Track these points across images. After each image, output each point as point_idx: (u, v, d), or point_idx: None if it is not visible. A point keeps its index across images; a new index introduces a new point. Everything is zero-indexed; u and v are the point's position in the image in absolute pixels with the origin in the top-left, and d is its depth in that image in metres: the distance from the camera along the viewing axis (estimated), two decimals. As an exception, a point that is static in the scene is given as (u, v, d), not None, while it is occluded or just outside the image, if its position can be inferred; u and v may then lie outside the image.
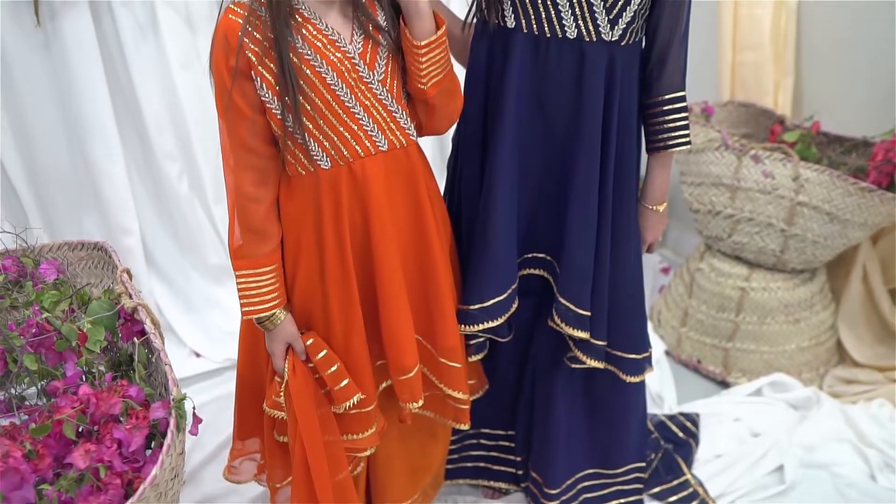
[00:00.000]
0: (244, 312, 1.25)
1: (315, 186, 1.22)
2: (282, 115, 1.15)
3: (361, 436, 1.37)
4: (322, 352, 1.28)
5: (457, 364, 1.38)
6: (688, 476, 1.83)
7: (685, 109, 1.40)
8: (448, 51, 1.24)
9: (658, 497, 1.79)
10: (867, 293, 2.27)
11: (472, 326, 1.40)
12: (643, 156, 1.48)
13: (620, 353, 1.51)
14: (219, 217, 2.46)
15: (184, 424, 1.15)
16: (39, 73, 2.16)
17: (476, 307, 1.40)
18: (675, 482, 1.82)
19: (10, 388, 1.27)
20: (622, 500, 1.73)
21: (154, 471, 1.06)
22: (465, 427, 1.49)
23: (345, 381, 1.30)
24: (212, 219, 2.46)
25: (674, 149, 1.41)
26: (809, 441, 1.94)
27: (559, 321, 1.44)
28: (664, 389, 2.19)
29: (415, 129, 1.29)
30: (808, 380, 2.20)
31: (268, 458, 1.45)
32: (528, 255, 1.48)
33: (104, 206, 2.29)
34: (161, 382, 1.31)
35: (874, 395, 2.11)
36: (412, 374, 1.32)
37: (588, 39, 1.30)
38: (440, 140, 2.80)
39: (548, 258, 1.48)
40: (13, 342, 1.18)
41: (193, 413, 1.21)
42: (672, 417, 2.03)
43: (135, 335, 1.34)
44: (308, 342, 1.29)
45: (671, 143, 1.41)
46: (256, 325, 1.28)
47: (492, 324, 1.41)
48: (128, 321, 1.36)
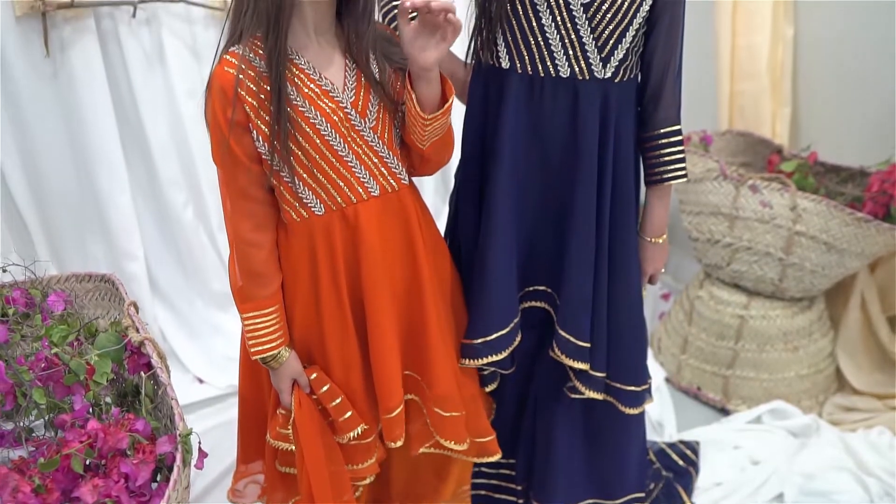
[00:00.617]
0: (252, 353, 1.27)
1: (309, 232, 1.24)
2: (276, 166, 1.17)
3: (362, 465, 1.39)
4: (325, 385, 1.30)
5: (450, 413, 1.37)
6: (688, 505, 1.84)
7: (681, 143, 1.43)
8: (449, 112, 1.25)
9: (659, 526, 1.80)
10: (865, 321, 2.28)
11: (476, 360, 1.42)
12: (643, 188, 1.51)
13: (620, 385, 1.52)
14: (223, 244, 2.49)
15: (190, 459, 1.17)
16: (48, 102, 2.19)
17: (479, 341, 1.42)
18: (676, 511, 1.83)
19: (19, 421, 1.29)
20: (623, 530, 1.74)
21: (160, 505, 1.07)
22: (496, 457, 1.49)
23: (348, 413, 1.32)
24: (216, 245, 2.49)
25: (670, 182, 1.44)
26: (809, 469, 1.95)
27: (559, 352, 1.45)
28: (664, 417, 2.21)
29: (406, 173, 1.31)
30: (808, 407, 2.21)
31: (269, 484, 1.46)
32: (530, 288, 1.50)
33: (110, 233, 2.32)
34: (167, 414, 1.33)
35: (874, 423, 2.12)
36: (395, 414, 1.33)
37: (581, 78, 1.33)
38: (443, 175, 2.84)
39: (549, 290, 1.50)
40: (23, 376, 1.20)
41: (199, 447, 1.22)
42: (672, 445, 2.04)
43: (141, 368, 1.36)
44: (312, 376, 1.31)
45: (667, 177, 1.43)
46: (262, 365, 1.29)
47: (495, 357, 1.42)
48: (134, 353, 1.38)
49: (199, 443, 1.22)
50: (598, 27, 1.29)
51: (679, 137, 1.42)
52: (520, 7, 1.30)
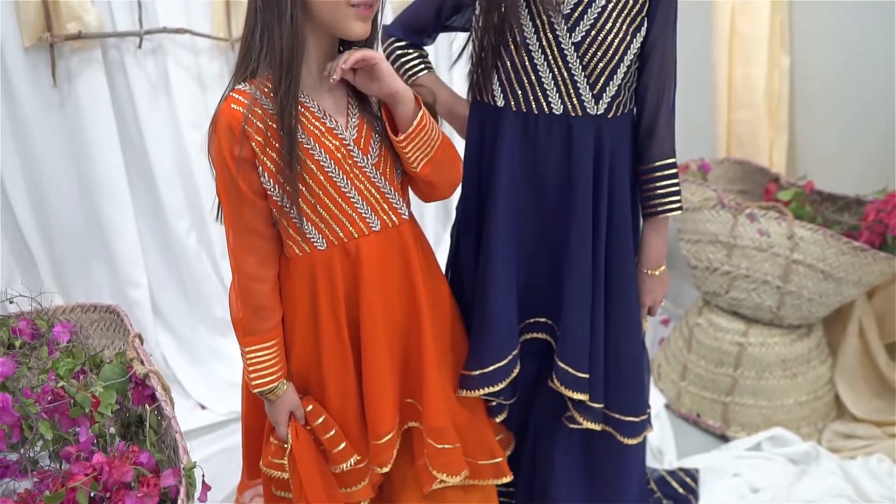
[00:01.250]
0: (252, 386, 1.28)
1: (311, 265, 1.26)
2: (281, 201, 1.19)
3: (356, 488, 1.40)
4: (321, 417, 1.32)
5: (442, 445, 1.37)
6: (688, 534, 1.85)
7: (676, 176, 1.45)
8: (434, 130, 1.27)
9: (658, 555, 1.80)
10: (864, 347, 2.30)
11: (473, 391, 1.44)
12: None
13: (618, 416, 1.53)
14: (225, 270, 2.51)
15: (193, 492, 1.18)
16: (54, 131, 2.22)
17: (477, 373, 1.44)
18: (676, 540, 1.83)
19: (24, 452, 1.30)
20: (623, 559, 1.74)
21: (164, 539, 1.09)
22: (508, 479, 1.50)
23: (342, 445, 1.34)
24: (219, 272, 2.51)
25: (666, 214, 1.46)
26: (809, 497, 1.96)
27: (558, 383, 1.47)
28: (664, 443, 2.21)
29: (406, 208, 1.32)
30: (807, 434, 2.22)
31: None
32: (531, 321, 1.52)
33: (114, 260, 2.34)
34: (170, 445, 1.34)
35: (873, 451, 2.12)
36: (383, 441, 1.34)
37: (574, 114, 1.35)
38: (445, 204, 2.87)
39: (549, 322, 1.52)
40: (29, 409, 1.22)
41: (202, 480, 1.24)
42: (672, 473, 2.05)
43: (145, 399, 1.37)
44: (308, 408, 1.32)
45: (662, 209, 1.45)
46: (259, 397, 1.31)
47: (491, 389, 1.44)
48: (139, 385, 1.40)
49: (203, 476, 1.24)
50: (589, 65, 1.32)
51: (674, 170, 1.44)
52: (512, 47, 1.33)
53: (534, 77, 1.34)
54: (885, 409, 2.24)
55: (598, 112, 1.36)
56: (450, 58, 2.63)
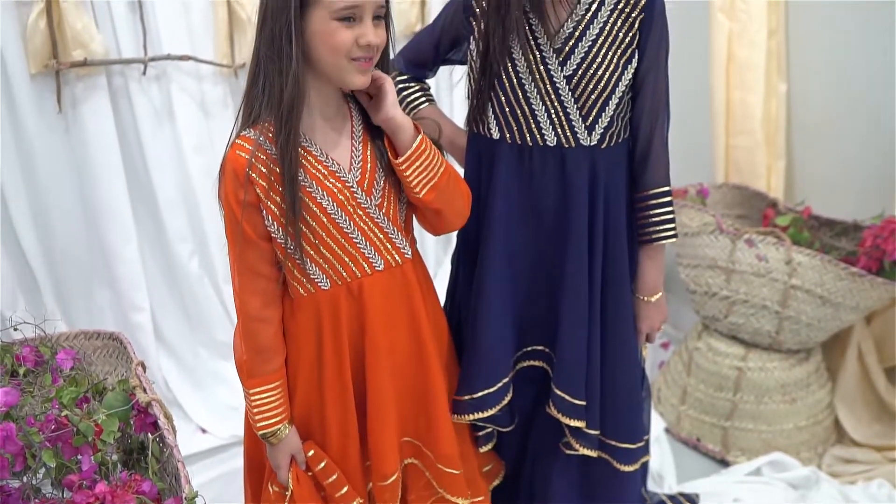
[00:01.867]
0: (256, 428, 1.29)
1: (315, 306, 1.27)
2: (285, 244, 1.21)
3: None
4: (322, 462, 1.33)
5: (453, 471, 1.40)
6: (688, 560, 1.85)
7: (670, 203, 1.47)
8: (436, 155, 1.29)
9: (659, 582, 1.80)
10: (863, 372, 2.30)
11: (464, 416, 1.46)
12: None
13: (614, 443, 1.54)
14: (227, 295, 2.52)
15: (195, 521, 1.19)
16: (59, 157, 2.24)
17: (467, 398, 1.46)
18: (676, 566, 1.83)
19: (27, 480, 1.31)
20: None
21: (166, 569, 1.09)
22: None
23: (344, 489, 1.35)
24: (221, 296, 2.53)
25: (660, 242, 1.48)
26: (809, 522, 1.96)
27: (555, 410, 1.49)
28: (664, 468, 2.22)
29: (410, 247, 1.34)
30: (807, 459, 2.22)
31: None
32: (528, 349, 1.54)
33: (116, 284, 2.36)
34: (172, 473, 1.35)
35: (873, 476, 2.12)
36: (389, 482, 1.35)
37: (567, 146, 1.38)
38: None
39: (546, 350, 1.53)
40: (33, 438, 1.23)
41: (204, 509, 1.24)
42: (672, 497, 2.05)
43: (147, 427, 1.38)
44: (309, 453, 1.33)
45: (656, 237, 1.47)
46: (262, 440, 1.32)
47: (481, 414, 1.46)
48: (141, 413, 1.41)
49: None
50: (581, 97, 1.35)
51: (668, 198, 1.46)
52: (506, 81, 1.36)
53: (527, 110, 1.37)
54: (886, 434, 2.24)
55: (592, 143, 1.38)
56: (450, 88, 2.66)
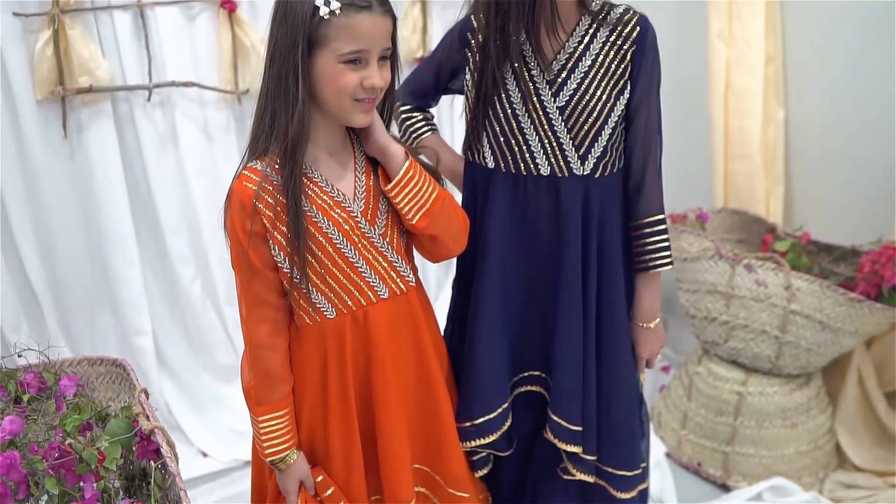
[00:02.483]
0: (264, 455, 1.30)
1: (321, 334, 1.29)
2: (291, 273, 1.23)
3: None
4: (330, 489, 1.33)
5: (465, 494, 1.42)
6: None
7: (665, 232, 1.48)
8: (427, 182, 1.30)
9: None
10: (863, 396, 2.31)
11: (465, 443, 1.47)
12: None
13: (611, 469, 1.54)
14: (229, 318, 2.54)
15: (197, 550, 1.19)
16: (64, 182, 2.27)
17: (468, 424, 1.46)
18: None
19: (29, 507, 1.32)
20: None
21: None
22: None
23: None
24: (223, 319, 2.54)
25: (656, 270, 1.49)
26: (811, 548, 1.96)
27: (552, 436, 1.50)
28: (665, 492, 2.21)
29: (413, 275, 1.36)
30: (809, 484, 2.22)
31: None
32: (525, 374, 1.55)
33: (119, 308, 2.37)
34: (174, 500, 1.35)
35: (875, 501, 2.12)
36: None
37: (561, 175, 1.40)
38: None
39: (543, 376, 1.54)
40: (36, 466, 1.24)
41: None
42: (673, 523, 2.05)
43: (150, 454, 1.39)
44: (318, 479, 1.34)
45: (652, 265, 1.49)
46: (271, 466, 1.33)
47: (482, 441, 1.47)
48: (144, 440, 1.41)
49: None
50: (574, 128, 1.37)
51: (663, 227, 1.48)
52: (500, 111, 1.39)
53: (521, 140, 1.39)
54: (887, 459, 2.24)
55: (585, 172, 1.40)
56: (451, 116, 2.69)
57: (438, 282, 3.05)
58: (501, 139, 1.40)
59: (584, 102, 1.35)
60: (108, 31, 2.22)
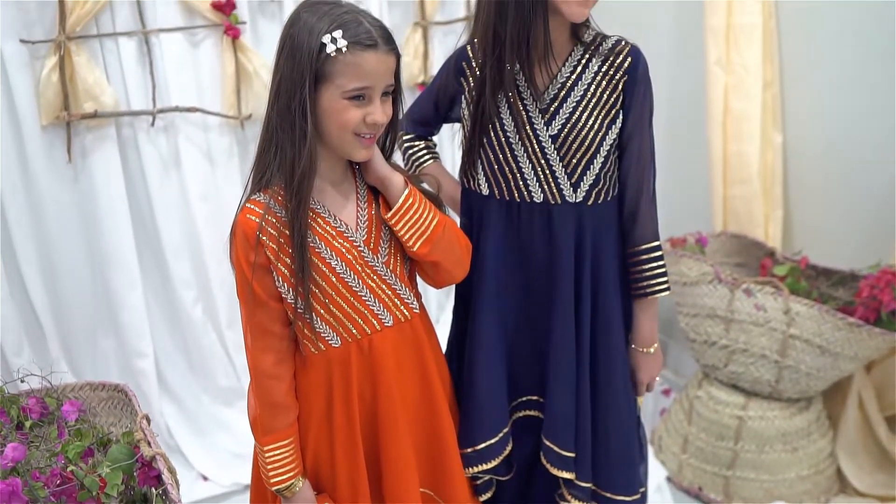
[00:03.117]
0: (270, 484, 1.30)
1: (327, 363, 1.30)
2: (295, 304, 1.24)
3: None
4: None
5: None
6: None
7: (661, 258, 1.49)
8: (427, 208, 1.31)
9: None
10: (864, 420, 2.30)
11: (468, 469, 1.47)
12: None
13: (609, 495, 1.54)
14: (230, 341, 2.54)
15: (197, 577, 1.20)
16: (68, 206, 2.29)
17: (469, 450, 1.47)
18: None
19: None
20: None
21: None
22: None
23: None
24: (224, 342, 2.55)
25: (653, 296, 1.50)
26: (812, 574, 1.95)
27: (545, 461, 1.50)
28: (666, 517, 2.21)
29: (417, 302, 1.37)
30: (810, 509, 2.22)
31: None
32: (523, 399, 1.56)
33: (121, 331, 2.39)
34: (175, 527, 1.36)
35: (876, 526, 2.12)
36: None
37: (554, 202, 1.41)
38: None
39: (540, 400, 1.55)
40: (38, 493, 1.24)
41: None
42: (674, 548, 2.05)
43: (150, 480, 1.39)
44: None
45: (649, 291, 1.50)
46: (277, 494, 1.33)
47: (485, 466, 1.48)
48: (145, 466, 1.42)
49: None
50: (566, 156, 1.39)
51: (659, 253, 1.49)
52: (494, 139, 1.41)
53: (515, 167, 1.41)
54: (888, 483, 2.23)
55: (577, 200, 1.41)
56: (452, 139, 2.70)
57: (439, 304, 3.06)
58: (496, 166, 1.42)
59: (576, 131, 1.37)
60: (114, 58, 2.26)
